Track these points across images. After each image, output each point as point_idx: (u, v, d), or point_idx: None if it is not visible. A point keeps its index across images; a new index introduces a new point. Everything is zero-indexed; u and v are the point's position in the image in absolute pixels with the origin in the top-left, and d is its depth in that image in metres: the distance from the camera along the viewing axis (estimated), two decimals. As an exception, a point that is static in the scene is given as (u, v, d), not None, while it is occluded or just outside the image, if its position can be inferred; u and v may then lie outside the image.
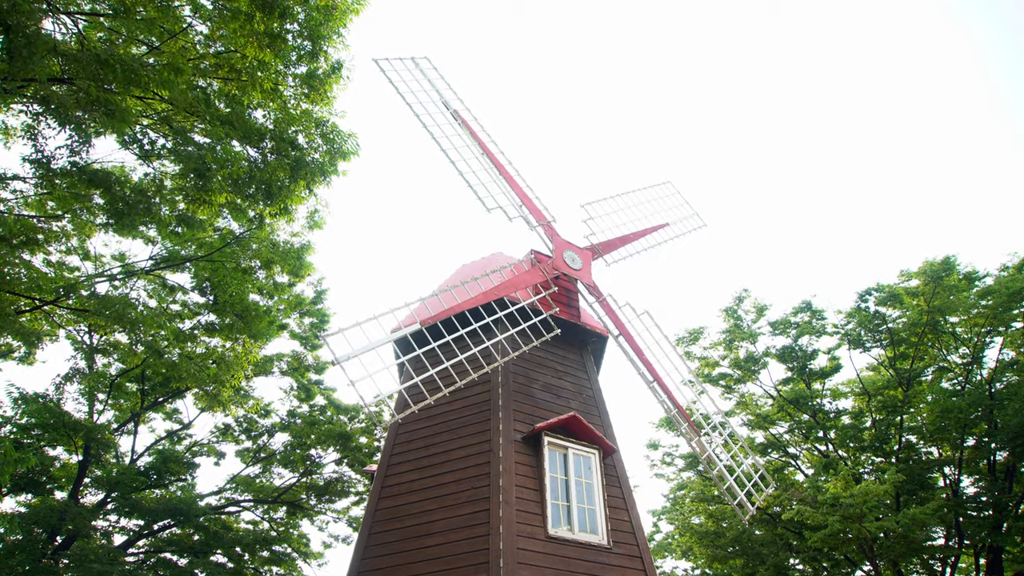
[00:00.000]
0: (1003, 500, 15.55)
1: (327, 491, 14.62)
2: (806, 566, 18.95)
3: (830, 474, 16.25)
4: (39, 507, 11.37)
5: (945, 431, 15.98)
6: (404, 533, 8.39)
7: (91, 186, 9.07)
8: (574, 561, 7.99)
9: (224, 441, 14.71)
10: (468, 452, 8.59)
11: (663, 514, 21.93)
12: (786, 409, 19.04)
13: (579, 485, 8.66)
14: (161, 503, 12.95)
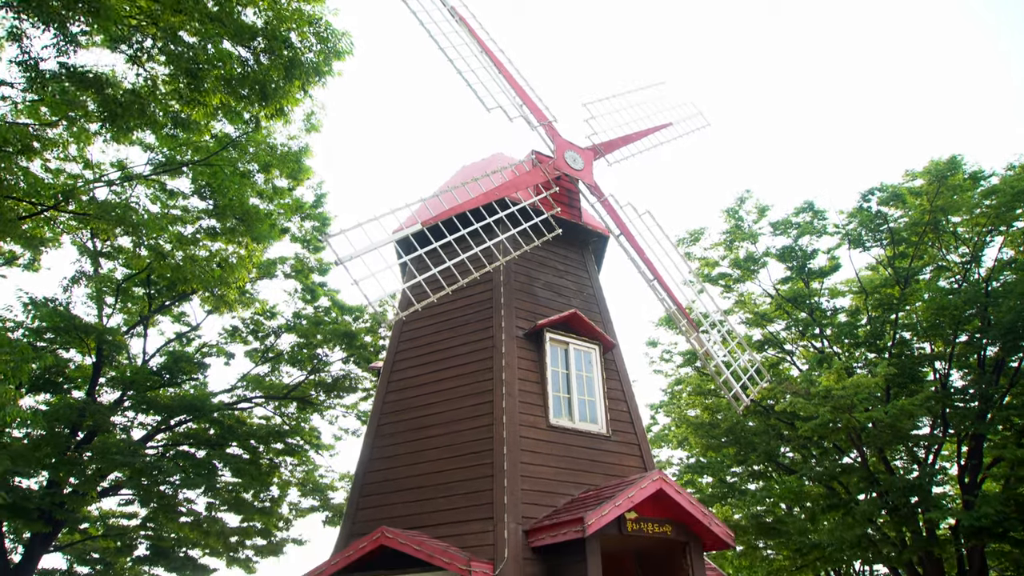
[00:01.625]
0: (989, 392, 16.08)
1: (335, 387, 15.15)
2: (796, 454, 19.84)
3: (824, 368, 16.73)
4: (58, 404, 11.83)
5: (939, 328, 16.30)
6: (410, 424, 8.78)
7: (82, 87, 8.88)
8: (574, 448, 8.40)
9: (232, 342, 15.10)
10: (471, 348, 8.85)
11: (660, 407, 22.73)
12: (784, 307, 19.35)
13: (580, 378, 8.97)
14: (176, 400, 13.46)
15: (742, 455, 19.74)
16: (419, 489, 8.23)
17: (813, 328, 19.24)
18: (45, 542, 13.39)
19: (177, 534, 15.32)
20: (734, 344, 11.06)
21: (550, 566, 7.41)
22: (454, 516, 7.80)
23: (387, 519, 8.03)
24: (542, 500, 7.77)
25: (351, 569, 7.77)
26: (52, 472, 12.24)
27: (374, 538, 7.57)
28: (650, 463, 8.91)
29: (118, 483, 14.10)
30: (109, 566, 16.38)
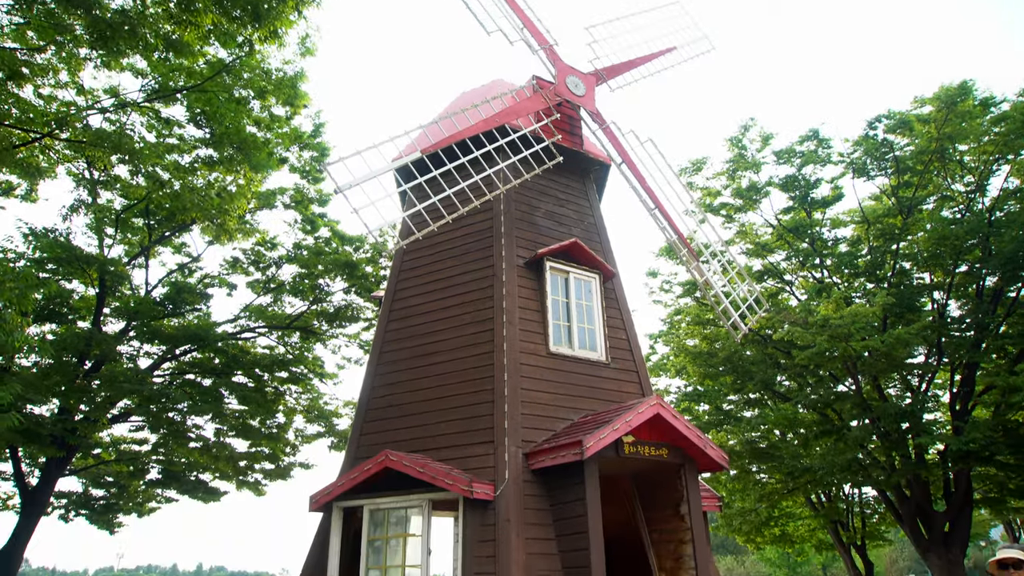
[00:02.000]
0: (986, 321, 16.23)
1: (337, 317, 15.30)
2: (791, 382, 20.19)
3: (823, 298, 16.84)
4: (65, 334, 11.98)
5: (939, 257, 16.31)
6: (412, 352, 8.91)
7: (69, 8, 8.60)
8: (574, 375, 8.56)
9: (234, 273, 15.15)
10: (472, 277, 8.89)
11: (659, 337, 23.01)
12: (785, 238, 19.31)
13: (579, 307, 9.05)
14: (180, 330, 13.62)
15: (739, 383, 20.09)
16: (421, 415, 8.43)
17: (813, 258, 19.25)
18: (60, 466, 13.82)
19: (187, 459, 15.78)
20: (734, 273, 11.10)
21: (549, 487, 7.66)
22: (456, 440, 8.01)
23: (391, 443, 8.26)
24: (542, 425, 7.97)
25: (357, 490, 8.04)
26: (62, 399, 12.51)
27: (378, 461, 7.80)
28: (648, 390, 9.09)
29: (128, 410, 14.43)
30: (123, 489, 16.95)
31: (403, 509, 7.82)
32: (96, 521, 17.31)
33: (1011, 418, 16.25)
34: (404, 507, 7.80)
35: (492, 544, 7.16)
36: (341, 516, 8.23)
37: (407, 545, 7.73)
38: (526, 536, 7.22)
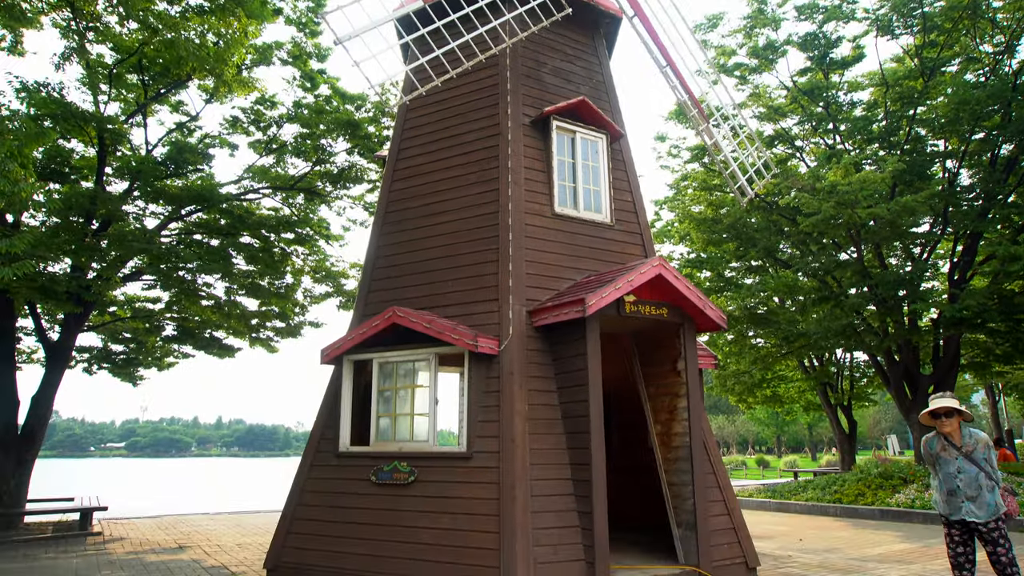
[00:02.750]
0: (995, 190, 16.07)
1: (341, 178, 15.18)
2: (794, 249, 20.35)
3: (832, 164, 16.60)
4: (69, 193, 11.98)
5: (957, 123, 15.88)
6: (417, 212, 8.93)
7: None
8: (578, 236, 8.62)
9: (235, 133, 14.87)
10: (477, 136, 8.73)
11: (665, 203, 22.94)
12: (799, 101, 18.72)
13: (585, 168, 8.96)
14: (184, 190, 13.59)
15: (742, 250, 20.24)
16: (427, 273, 8.58)
17: (827, 123, 18.75)
18: (78, 322, 14.32)
19: (200, 317, 16.28)
20: (744, 137, 10.87)
21: (552, 344, 7.95)
22: (461, 298, 8.21)
23: (398, 301, 8.48)
24: (546, 284, 8.14)
25: (366, 344, 8.35)
26: (74, 258, 12.73)
27: (386, 317, 8.05)
28: (651, 252, 9.19)
29: (139, 269, 14.71)
30: (141, 345, 17.65)
31: (411, 362, 8.17)
32: (118, 374, 18.18)
33: (1007, 287, 16.50)
34: (412, 360, 8.14)
35: (496, 395, 7.54)
36: (352, 368, 8.61)
37: (415, 396, 8.14)
38: (528, 388, 7.59)
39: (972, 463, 5.49)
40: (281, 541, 8.24)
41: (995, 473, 5.47)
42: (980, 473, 5.44)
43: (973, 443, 5.54)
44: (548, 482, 7.25)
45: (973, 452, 5.50)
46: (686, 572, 7.60)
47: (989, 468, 5.48)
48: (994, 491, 5.43)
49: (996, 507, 5.36)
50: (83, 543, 11.67)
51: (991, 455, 5.52)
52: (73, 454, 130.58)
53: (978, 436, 5.58)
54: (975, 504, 5.41)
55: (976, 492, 5.42)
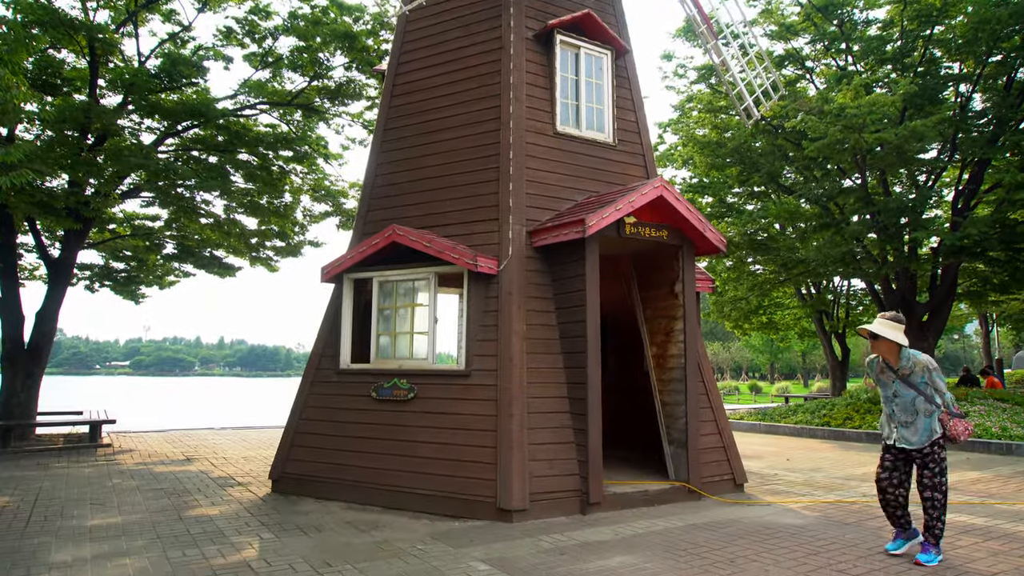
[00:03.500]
0: (1008, 116, 15.74)
1: (339, 94, 14.80)
2: (797, 175, 20.11)
3: (843, 85, 16.18)
4: (63, 105, 11.71)
5: (974, 44, 15.38)
6: (417, 129, 8.77)
7: None
8: (580, 156, 8.49)
9: (229, 45, 14.37)
10: (479, 50, 8.47)
11: (669, 126, 22.51)
12: (813, 18, 18.08)
13: (589, 85, 8.73)
14: (179, 105, 13.26)
15: (745, 175, 20.01)
16: (427, 192, 8.51)
17: (839, 43, 18.17)
18: (78, 238, 14.29)
19: (200, 235, 16.22)
20: (752, 55, 10.55)
21: (551, 264, 7.97)
22: (461, 217, 8.17)
23: (397, 220, 8.44)
24: (546, 204, 8.08)
25: (366, 263, 8.37)
26: (71, 173, 12.57)
27: (386, 235, 8.04)
28: (653, 174, 9.08)
29: (137, 186, 14.56)
30: (142, 263, 17.67)
31: (411, 281, 8.21)
32: (120, 291, 18.29)
33: (1011, 216, 16.40)
34: (412, 279, 8.18)
35: (495, 315, 7.61)
36: (352, 287, 8.66)
37: (415, 314, 8.22)
38: (527, 308, 7.65)
39: (909, 387, 5.27)
40: (285, 454, 8.50)
41: (941, 396, 5.23)
42: (918, 397, 5.23)
43: (910, 366, 5.28)
44: (545, 400, 7.42)
45: (910, 375, 5.28)
46: (676, 487, 7.88)
47: (931, 391, 5.24)
48: (932, 416, 5.20)
49: (931, 433, 5.17)
50: (93, 454, 12.05)
51: (935, 378, 5.26)
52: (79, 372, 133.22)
53: (916, 359, 5.30)
54: (909, 430, 5.25)
55: (911, 417, 5.24)
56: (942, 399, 5.25)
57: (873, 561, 5.29)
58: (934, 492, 5.18)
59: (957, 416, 5.18)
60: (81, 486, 8.81)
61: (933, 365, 5.29)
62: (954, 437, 5.14)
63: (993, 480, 9.24)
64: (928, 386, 5.26)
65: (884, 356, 5.42)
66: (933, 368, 5.29)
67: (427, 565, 5.27)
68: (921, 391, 5.24)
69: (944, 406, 5.24)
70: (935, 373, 5.28)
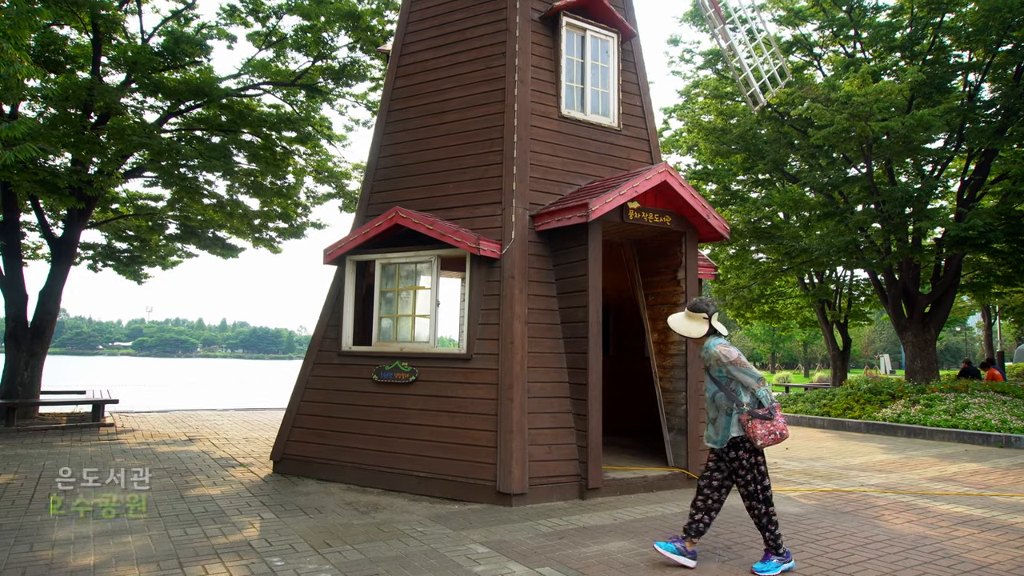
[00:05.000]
0: (1016, 106, 15.61)
1: (343, 75, 14.71)
2: (802, 163, 20.00)
3: (850, 73, 16.05)
4: (66, 83, 11.66)
5: (985, 32, 15.23)
6: (421, 111, 8.72)
7: None
8: (585, 140, 8.44)
9: (232, 23, 14.27)
10: (484, 31, 8.39)
11: (674, 112, 22.38)
12: (822, 4, 17.90)
13: (595, 69, 8.66)
14: (182, 83, 13.20)
15: (749, 163, 19.91)
16: (430, 174, 8.47)
17: (848, 29, 18.00)
18: (81, 217, 14.28)
19: (203, 215, 16.21)
20: (760, 40, 10.45)
21: (553, 249, 7.94)
22: (464, 200, 8.13)
23: (400, 202, 8.40)
24: (549, 189, 8.04)
25: (369, 245, 8.36)
26: (74, 151, 12.54)
27: (389, 217, 8.01)
28: (658, 159, 9.02)
29: (140, 166, 14.54)
30: (145, 243, 17.67)
31: (413, 264, 8.20)
32: (123, 271, 18.30)
33: (1016, 207, 16.31)
34: (414, 262, 8.16)
35: (497, 298, 7.60)
36: (354, 269, 8.65)
37: (417, 297, 8.22)
38: (529, 293, 7.63)
39: (712, 381, 4.79)
40: (286, 435, 8.54)
41: (751, 393, 4.65)
42: (717, 392, 4.73)
43: (707, 358, 4.79)
44: (545, 385, 7.43)
45: (709, 368, 4.81)
46: (675, 474, 7.90)
47: (734, 386, 4.68)
48: (732, 414, 4.66)
49: (728, 433, 4.67)
50: (96, 433, 12.11)
51: (735, 372, 4.65)
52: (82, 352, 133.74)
53: (709, 350, 4.75)
54: (712, 428, 4.81)
55: (714, 414, 4.78)
56: (750, 395, 4.65)
57: (869, 550, 5.31)
58: (752, 502, 4.67)
59: (759, 417, 4.54)
60: (84, 465, 8.87)
61: (730, 357, 4.65)
62: (753, 440, 4.54)
63: (991, 472, 9.26)
64: (730, 380, 4.70)
65: (696, 344, 5.03)
66: (729, 361, 4.65)
67: (426, 547, 5.29)
68: (722, 386, 4.71)
69: (748, 404, 4.64)
70: (734, 367, 4.64)
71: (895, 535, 5.78)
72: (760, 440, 4.50)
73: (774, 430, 4.53)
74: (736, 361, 4.63)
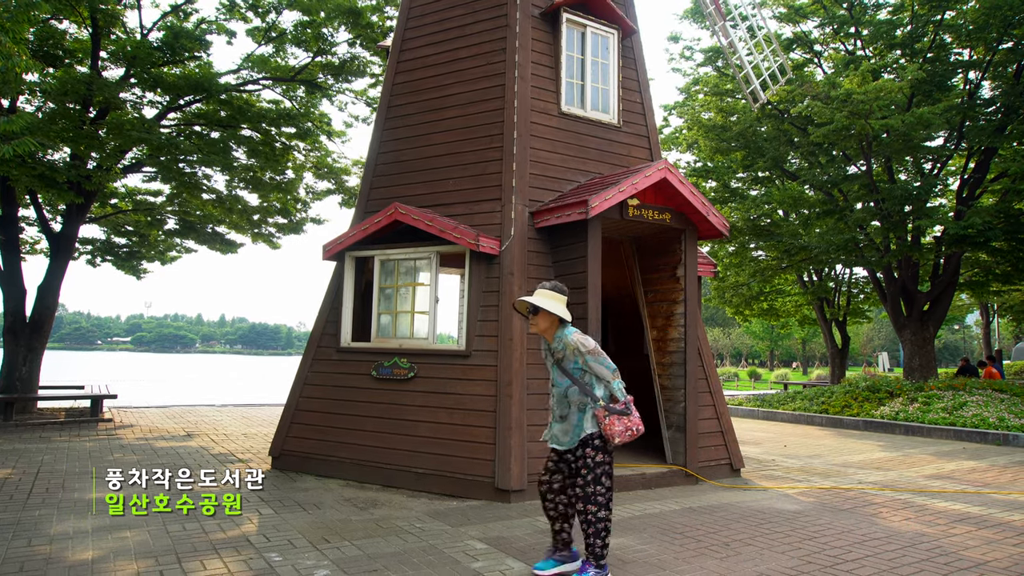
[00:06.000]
0: (1017, 103, 15.61)
1: (343, 70, 14.68)
2: (802, 161, 19.99)
3: (850, 70, 16.05)
4: (65, 77, 11.63)
5: (986, 30, 15.23)
6: (421, 107, 8.70)
7: None
8: (584, 137, 8.43)
9: (232, 19, 14.23)
10: (484, 27, 8.38)
11: (674, 109, 22.35)
12: (822, 1, 17.88)
13: (595, 65, 8.64)
14: (182, 78, 13.17)
15: (749, 160, 19.90)
16: (430, 171, 8.46)
17: (848, 27, 17.98)
18: (80, 212, 14.26)
19: (202, 211, 16.18)
20: (760, 37, 10.44)
21: (553, 246, 7.94)
22: (464, 197, 8.12)
23: (400, 198, 8.39)
24: (549, 185, 8.03)
25: (368, 241, 8.35)
26: (72, 146, 12.51)
27: (388, 213, 8.00)
28: (658, 156, 9.02)
29: (139, 161, 14.51)
30: (144, 238, 17.64)
31: (412, 260, 8.19)
32: (122, 267, 18.28)
33: (1015, 206, 16.32)
34: (413, 258, 8.15)
35: (496, 295, 7.59)
36: (354, 265, 8.64)
37: (416, 294, 8.21)
38: (528, 289, 7.63)
39: (564, 374, 4.33)
40: (285, 431, 8.54)
41: (606, 386, 4.28)
42: (572, 387, 4.27)
43: (562, 348, 4.33)
44: (544, 381, 7.42)
45: (563, 360, 4.33)
46: (673, 471, 7.91)
47: (589, 380, 4.27)
48: (586, 410, 4.24)
49: (582, 431, 4.25)
50: (95, 428, 12.11)
51: (592, 363, 4.24)
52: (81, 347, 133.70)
53: (566, 339, 4.31)
54: (561, 427, 4.34)
55: (565, 411, 4.32)
56: (606, 389, 4.28)
57: (866, 547, 5.32)
58: (587, 505, 4.20)
59: (618, 412, 4.18)
60: (82, 460, 8.87)
61: (587, 347, 4.25)
62: (609, 437, 4.17)
63: (989, 470, 9.27)
64: (585, 373, 4.28)
65: (543, 334, 4.44)
66: (586, 351, 4.24)
67: (425, 543, 5.30)
68: (576, 379, 4.26)
69: (605, 399, 4.28)
70: (591, 357, 4.24)
71: (893, 532, 5.79)
72: (617, 438, 4.13)
73: (631, 426, 4.19)
74: (593, 351, 4.25)
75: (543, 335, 4.44)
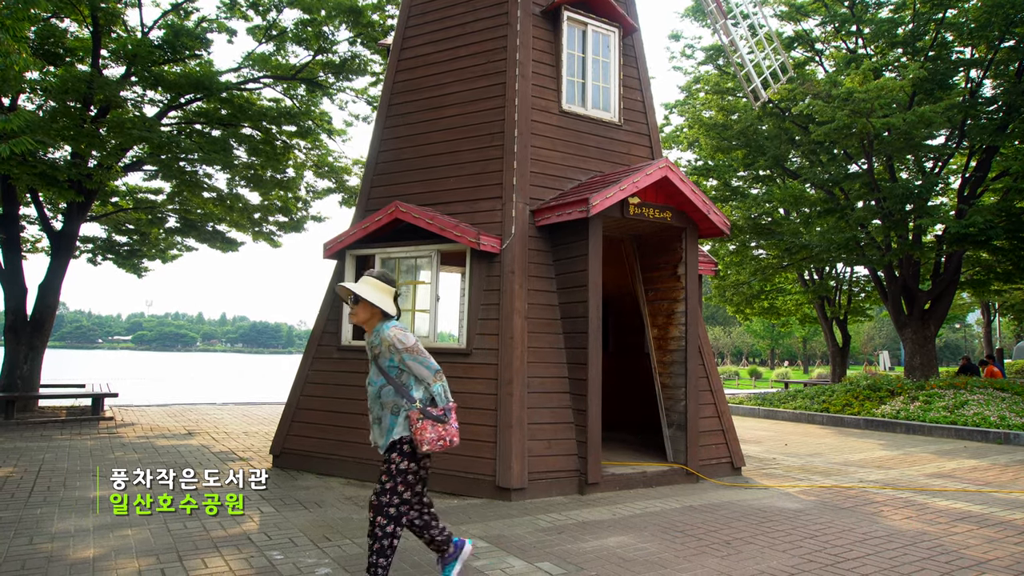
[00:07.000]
0: (1018, 102, 15.59)
1: (343, 69, 14.68)
2: (803, 160, 19.97)
3: (852, 69, 16.03)
4: (65, 76, 11.63)
5: (987, 29, 15.20)
6: (421, 105, 8.70)
7: None
8: (585, 135, 8.43)
9: (233, 17, 14.23)
10: (485, 25, 8.37)
11: (675, 107, 22.33)
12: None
13: (596, 63, 8.64)
14: (182, 77, 13.17)
15: (750, 158, 19.88)
16: (430, 169, 8.45)
17: (850, 25, 17.96)
18: (81, 211, 14.26)
19: (203, 209, 16.19)
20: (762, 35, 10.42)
21: (554, 244, 7.93)
22: (464, 195, 8.12)
23: (400, 197, 8.39)
24: (550, 184, 8.03)
25: (369, 239, 8.34)
26: (73, 144, 12.52)
27: (389, 211, 8.00)
28: (659, 154, 9.01)
29: (140, 159, 14.51)
30: (144, 236, 17.65)
31: (413, 258, 8.19)
32: (123, 265, 18.29)
33: (1017, 204, 16.30)
34: (414, 257, 8.15)
35: (497, 293, 7.59)
36: (354, 263, 8.64)
37: (417, 292, 8.21)
38: (529, 287, 7.63)
39: (379, 372, 3.95)
40: (286, 429, 8.54)
41: (426, 388, 3.89)
42: (386, 387, 3.90)
43: (378, 344, 3.93)
44: (545, 380, 7.43)
45: (378, 356, 3.94)
46: (674, 469, 7.91)
47: (406, 380, 3.89)
48: (399, 413, 3.86)
49: (391, 435, 3.87)
50: (96, 427, 12.12)
51: (414, 361, 3.85)
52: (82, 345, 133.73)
53: (383, 334, 3.89)
54: (376, 430, 3.99)
55: (379, 412, 3.95)
56: (423, 390, 3.91)
57: (867, 546, 5.32)
58: (376, 515, 3.79)
59: (433, 417, 3.76)
60: (84, 458, 8.87)
61: (405, 343, 3.84)
62: (418, 443, 3.74)
63: (990, 468, 9.27)
64: (403, 372, 3.90)
65: (363, 325, 4.06)
66: (403, 348, 3.83)
67: (425, 541, 5.30)
68: (392, 379, 3.88)
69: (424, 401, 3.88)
70: (408, 355, 3.84)
71: (894, 531, 5.78)
72: (427, 445, 3.71)
73: (445, 435, 3.76)
74: (412, 348, 3.84)
75: (364, 327, 4.05)
